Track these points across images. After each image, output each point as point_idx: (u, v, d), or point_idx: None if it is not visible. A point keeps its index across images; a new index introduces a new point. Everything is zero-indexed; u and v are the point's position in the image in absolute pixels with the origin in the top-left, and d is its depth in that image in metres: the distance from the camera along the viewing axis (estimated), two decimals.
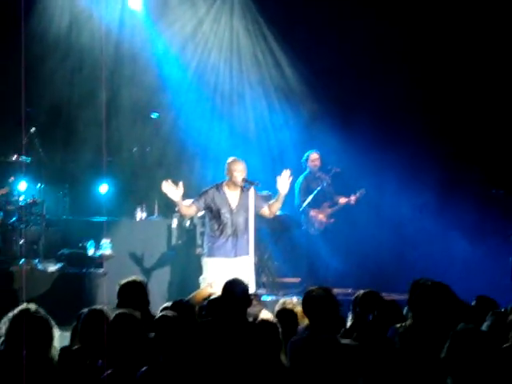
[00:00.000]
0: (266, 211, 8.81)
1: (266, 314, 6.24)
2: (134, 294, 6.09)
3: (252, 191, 8.57)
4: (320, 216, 11.50)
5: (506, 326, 5.14)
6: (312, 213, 11.48)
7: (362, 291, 5.90)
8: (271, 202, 8.91)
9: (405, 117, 12.17)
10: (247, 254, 8.62)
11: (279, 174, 8.55)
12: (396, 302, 6.03)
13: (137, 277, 6.38)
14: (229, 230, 8.65)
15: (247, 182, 8.59)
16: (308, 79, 12.70)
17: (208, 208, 8.73)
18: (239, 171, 8.65)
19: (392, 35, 11.98)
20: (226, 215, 8.65)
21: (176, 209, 9.02)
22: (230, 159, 8.81)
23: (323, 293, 5.29)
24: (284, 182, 8.57)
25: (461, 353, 4.02)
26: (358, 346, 5.06)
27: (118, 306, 5.96)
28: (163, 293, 10.48)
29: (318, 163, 11.53)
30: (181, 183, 8.52)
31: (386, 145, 11.90)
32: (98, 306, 5.69)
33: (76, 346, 5.42)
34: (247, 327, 5.19)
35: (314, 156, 11.53)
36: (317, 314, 5.17)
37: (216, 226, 8.68)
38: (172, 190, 8.49)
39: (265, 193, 10.54)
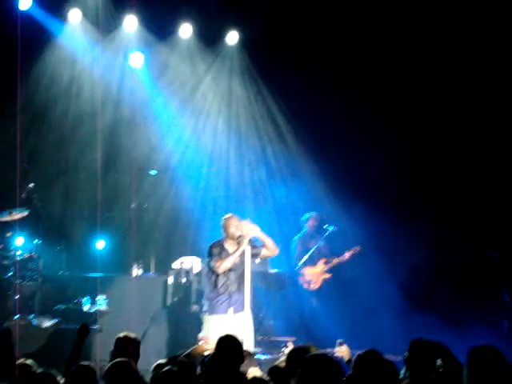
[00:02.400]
0: (267, 252, 8.93)
1: (255, 372, 6.23)
2: (127, 348, 6.14)
3: (248, 247, 8.67)
4: (315, 273, 11.56)
5: None
6: (307, 270, 11.54)
7: (360, 352, 5.86)
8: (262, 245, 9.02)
9: (398, 176, 12.31)
10: (247, 309, 8.67)
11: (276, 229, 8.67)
12: (393, 363, 5.99)
13: (129, 333, 6.45)
14: (233, 287, 8.70)
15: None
16: (307, 141, 12.82)
17: None
18: (234, 226, 8.77)
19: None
20: (230, 271, 8.71)
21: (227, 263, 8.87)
22: (225, 216, 8.95)
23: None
24: (247, 227, 8.74)
25: None
26: None
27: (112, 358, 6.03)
28: (158, 349, 10.45)
29: (315, 224, 11.73)
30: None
31: (381, 203, 12.00)
32: (85, 362, 5.71)
33: None
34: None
35: (313, 218, 11.73)
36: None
37: (220, 283, 8.72)
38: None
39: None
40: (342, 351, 6.41)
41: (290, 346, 7.06)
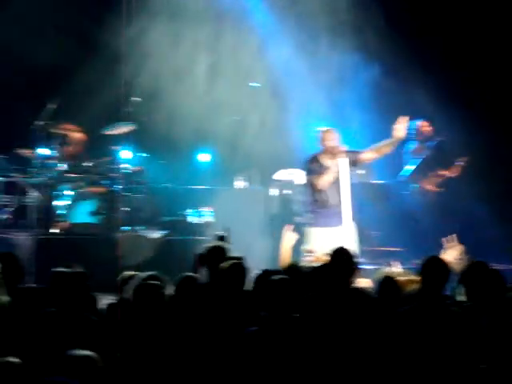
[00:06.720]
0: (370, 155, 8.84)
1: (366, 283, 6.26)
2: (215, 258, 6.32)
3: (344, 158, 8.61)
4: (428, 186, 11.40)
5: None
6: (420, 182, 11.38)
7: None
8: (381, 144, 8.86)
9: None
10: (350, 222, 8.67)
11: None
12: (500, 272, 5.93)
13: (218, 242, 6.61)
14: (333, 199, 8.70)
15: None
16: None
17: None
18: (331, 139, 8.71)
19: None
20: (330, 184, 8.70)
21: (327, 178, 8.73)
22: (321, 128, 8.90)
23: (444, 261, 5.39)
24: (401, 127, 8.55)
25: None
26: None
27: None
28: (264, 261, 10.57)
29: (428, 130, 11.39)
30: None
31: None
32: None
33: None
34: (353, 296, 5.24)
35: (425, 124, 11.40)
36: (437, 280, 5.21)
37: (320, 196, 8.73)
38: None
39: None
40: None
41: (396, 266, 7.09)
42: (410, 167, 11.40)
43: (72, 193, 10.89)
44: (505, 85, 11.97)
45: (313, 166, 8.77)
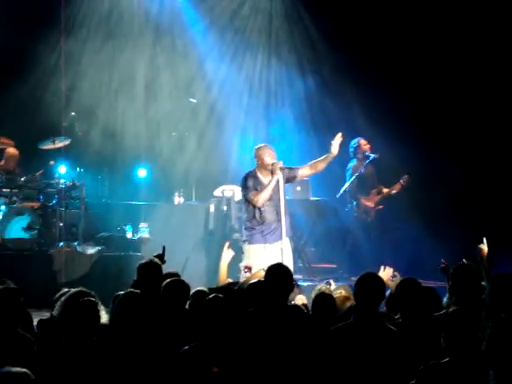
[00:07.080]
0: (305, 171, 8.83)
1: (301, 299, 6.26)
2: (150, 274, 6.24)
3: (280, 175, 8.59)
4: (367, 203, 11.47)
5: None
6: (359, 199, 11.44)
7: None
8: (316, 160, 8.87)
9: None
10: (286, 238, 8.66)
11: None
12: (434, 289, 6.00)
13: (153, 258, 6.50)
14: (270, 216, 8.65)
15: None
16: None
17: None
18: (268, 156, 8.67)
19: None
20: (268, 201, 8.66)
21: (265, 195, 8.71)
22: (257, 145, 8.87)
23: (379, 278, 5.35)
24: (336, 144, 8.60)
25: (502, 345, 3.81)
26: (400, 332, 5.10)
27: (133, 286, 6.10)
28: (199, 276, 10.52)
29: (368, 146, 11.46)
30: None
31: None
32: (134, 290, 5.77)
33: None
34: (289, 312, 5.21)
35: (363, 140, 11.48)
36: (370, 298, 5.18)
37: (258, 213, 8.68)
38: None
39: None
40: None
41: (333, 284, 7.07)
42: (347, 184, 11.46)
43: (5, 207, 10.74)
44: (441, 104, 12.16)
45: (250, 183, 8.72)
